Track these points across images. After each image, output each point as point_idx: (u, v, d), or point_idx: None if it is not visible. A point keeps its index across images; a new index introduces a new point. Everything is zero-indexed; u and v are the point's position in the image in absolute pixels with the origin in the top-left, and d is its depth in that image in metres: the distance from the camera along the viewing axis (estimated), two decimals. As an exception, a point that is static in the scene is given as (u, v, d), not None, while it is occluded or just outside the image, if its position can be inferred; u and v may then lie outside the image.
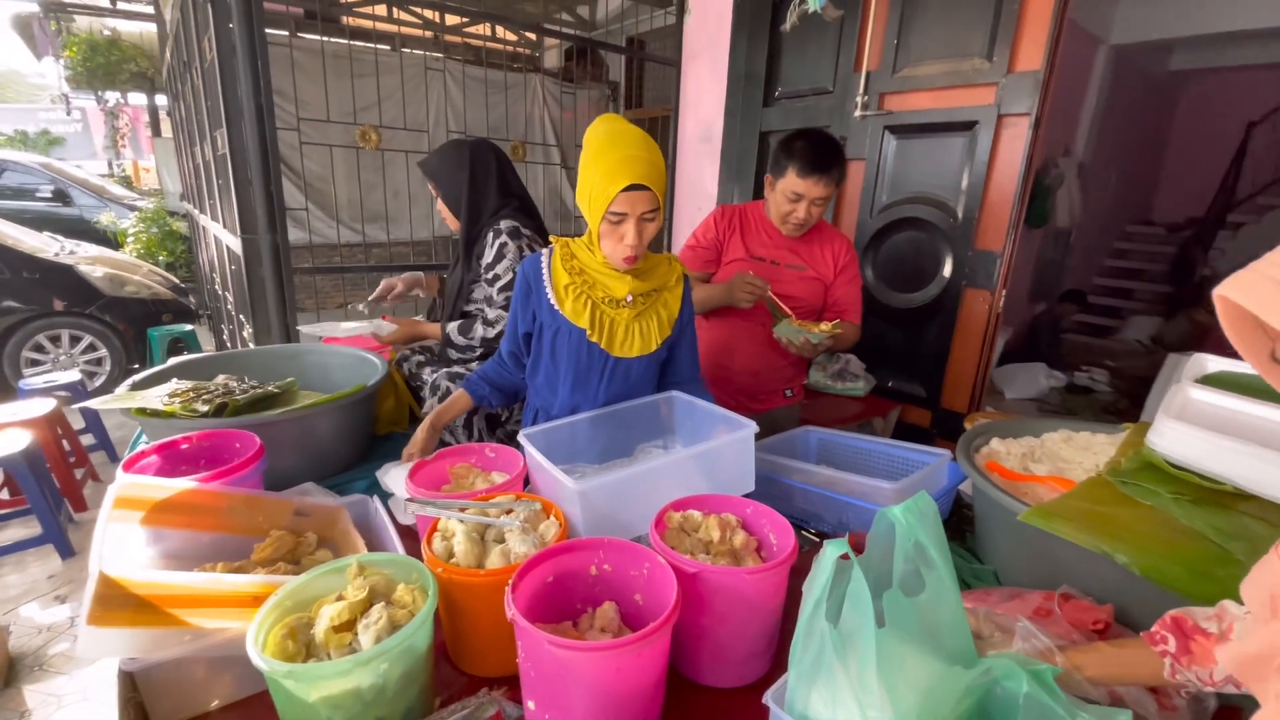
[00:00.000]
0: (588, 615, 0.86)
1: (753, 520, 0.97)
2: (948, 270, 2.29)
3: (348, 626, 0.77)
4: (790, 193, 1.62)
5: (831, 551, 0.67)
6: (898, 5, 2.27)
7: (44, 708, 1.96)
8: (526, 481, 1.18)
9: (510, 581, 0.76)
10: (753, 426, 1.13)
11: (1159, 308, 7.57)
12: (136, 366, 4.70)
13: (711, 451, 1.09)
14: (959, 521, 1.37)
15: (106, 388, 4.54)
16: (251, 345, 2.59)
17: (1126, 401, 5.45)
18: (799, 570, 0.84)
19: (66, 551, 2.67)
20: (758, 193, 2.98)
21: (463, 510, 0.96)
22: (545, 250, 1.34)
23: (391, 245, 3.59)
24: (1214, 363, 1.13)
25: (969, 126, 2.16)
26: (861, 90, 2.39)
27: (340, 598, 0.81)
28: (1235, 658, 0.62)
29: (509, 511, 0.97)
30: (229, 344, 3.89)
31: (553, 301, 1.30)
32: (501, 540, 0.92)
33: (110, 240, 6.89)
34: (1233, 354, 0.59)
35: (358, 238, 5.32)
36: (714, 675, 0.87)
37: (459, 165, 1.75)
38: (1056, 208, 5.98)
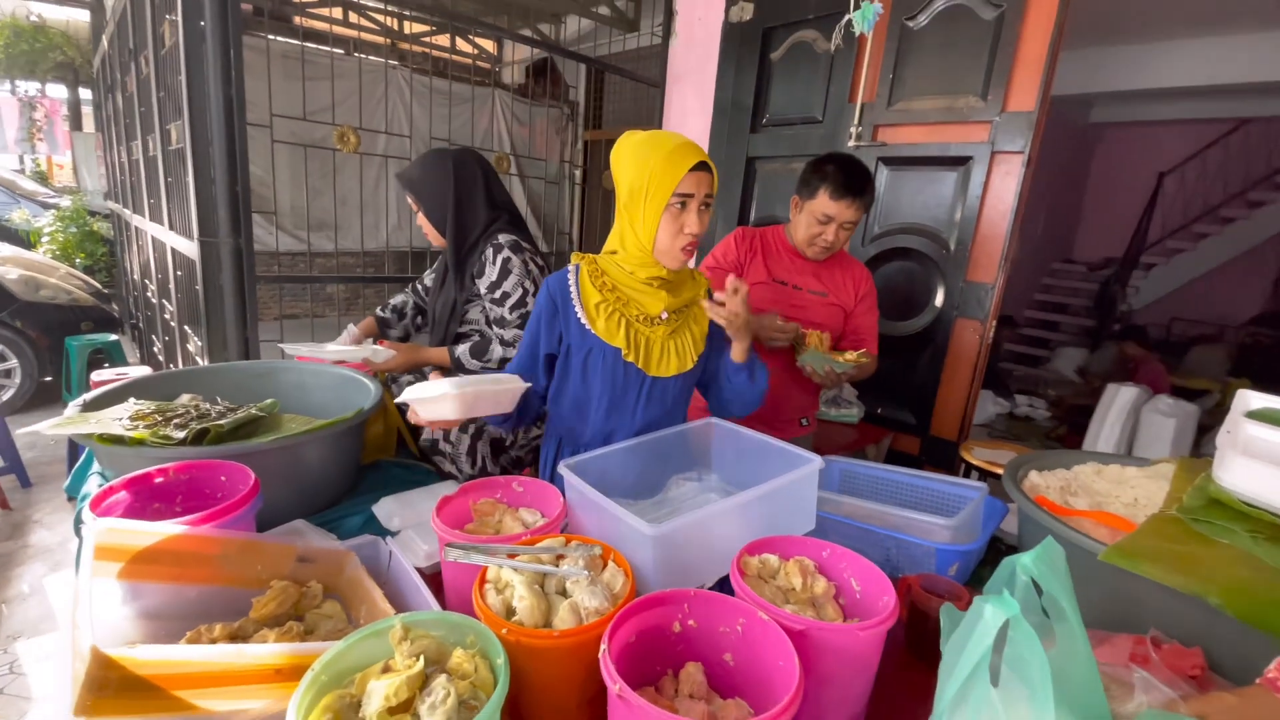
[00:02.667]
0: (669, 679, 0.76)
1: (830, 564, 0.90)
2: (939, 300, 2.32)
3: (404, 707, 0.64)
4: (821, 214, 1.59)
5: (994, 613, 0.60)
6: (895, 40, 2.31)
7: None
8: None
9: (604, 646, 0.65)
10: (818, 461, 1.06)
11: (1083, 340, 8.09)
12: (49, 379, 4.24)
13: (783, 489, 1.01)
14: (996, 559, 1.33)
15: (16, 402, 4.08)
16: (200, 360, 2.35)
17: (1065, 428, 5.74)
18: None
19: (-36, 593, 2.32)
20: (743, 217, 2.97)
21: (511, 556, 0.85)
22: (571, 267, 1.25)
23: (364, 254, 3.37)
24: (1256, 399, 1.15)
25: (963, 162, 2.21)
26: (856, 121, 2.41)
27: (388, 669, 0.68)
28: None
29: (561, 557, 0.87)
30: (162, 358, 3.55)
31: (584, 321, 1.21)
32: (563, 593, 0.81)
33: (22, 240, 6.28)
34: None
35: (302, 245, 5.04)
36: (811, 744, 0.78)
37: (443, 177, 1.63)
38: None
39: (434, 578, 1.05)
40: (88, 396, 1.30)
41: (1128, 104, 7.67)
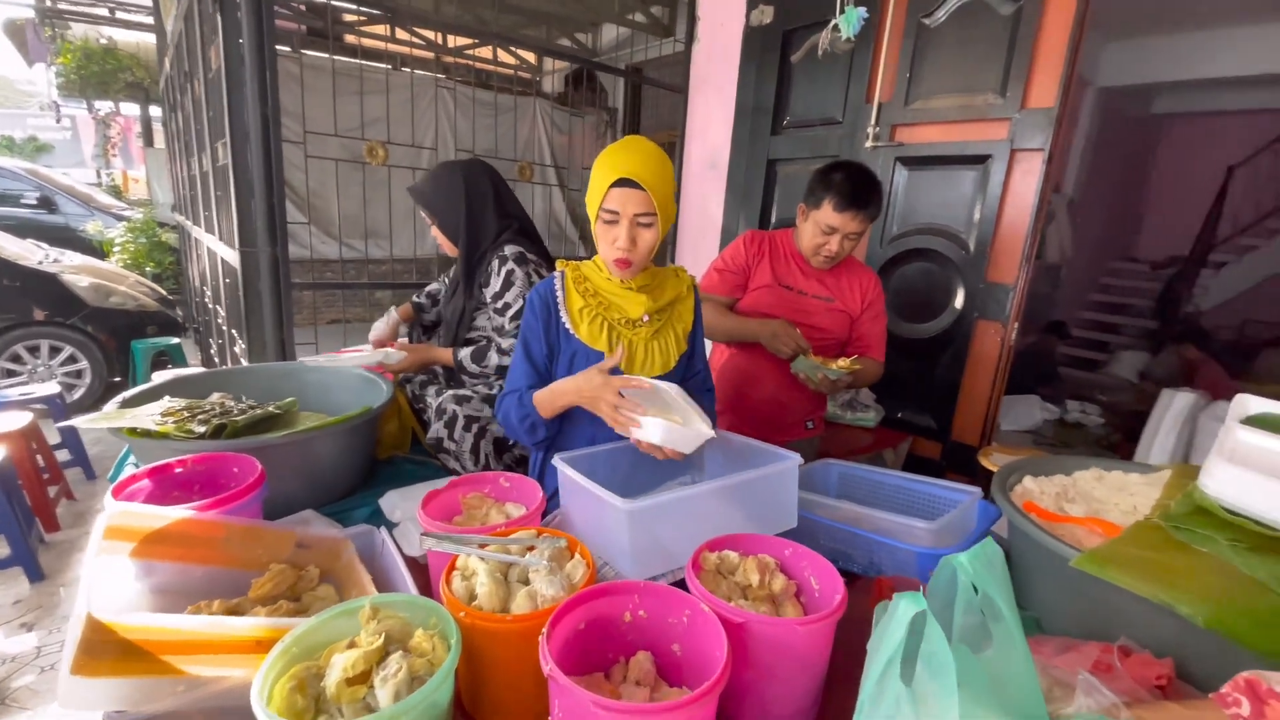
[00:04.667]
0: (620, 666, 0.80)
1: (792, 562, 0.92)
2: (959, 302, 2.28)
3: (362, 678, 0.70)
4: (825, 225, 1.59)
5: (905, 607, 0.61)
6: (911, 38, 2.28)
7: (3, 746, 1.82)
8: (543, 516, 1.12)
9: (544, 630, 0.70)
10: (796, 458, 1.08)
11: (1145, 343, 7.68)
12: (118, 380, 4.56)
13: (757, 481, 1.04)
14: (989, 563, 1.31)
15: (86, 401, 4.40)
16: (244, 362, 2.50)
17: (1119, 436, 5.46)
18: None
19: (35, 575, 2.53)
20: (764, 220, 2.97)
21: (482, 547, 0.90)
22: (557, 274, 1.30)
23: (393, 262, 3.52)
24: (1256, 404, 1.10)
25: (981, 160, 2.16)
26: (873, 121, 2.39)
27: (353, 644, 0.74)
28: None
29: (531, 549, 0.91)
30: (217, 359, 3.78)
31: (568, 326, 1.25)
32: (526, 581, 0.85)
33: (96, 249, 6.75)
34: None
35: (351, 253, 5.27)
36: (757, 733, 0.80)
37: (453, 191, 1.70)
38: (1047, 243, 6.07)
39: (426, 566, 1.12)
40: (127, 394, 1.42)
41: (1193, 94, 7.26)
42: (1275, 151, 7.44)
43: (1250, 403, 1.10)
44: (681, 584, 0.89)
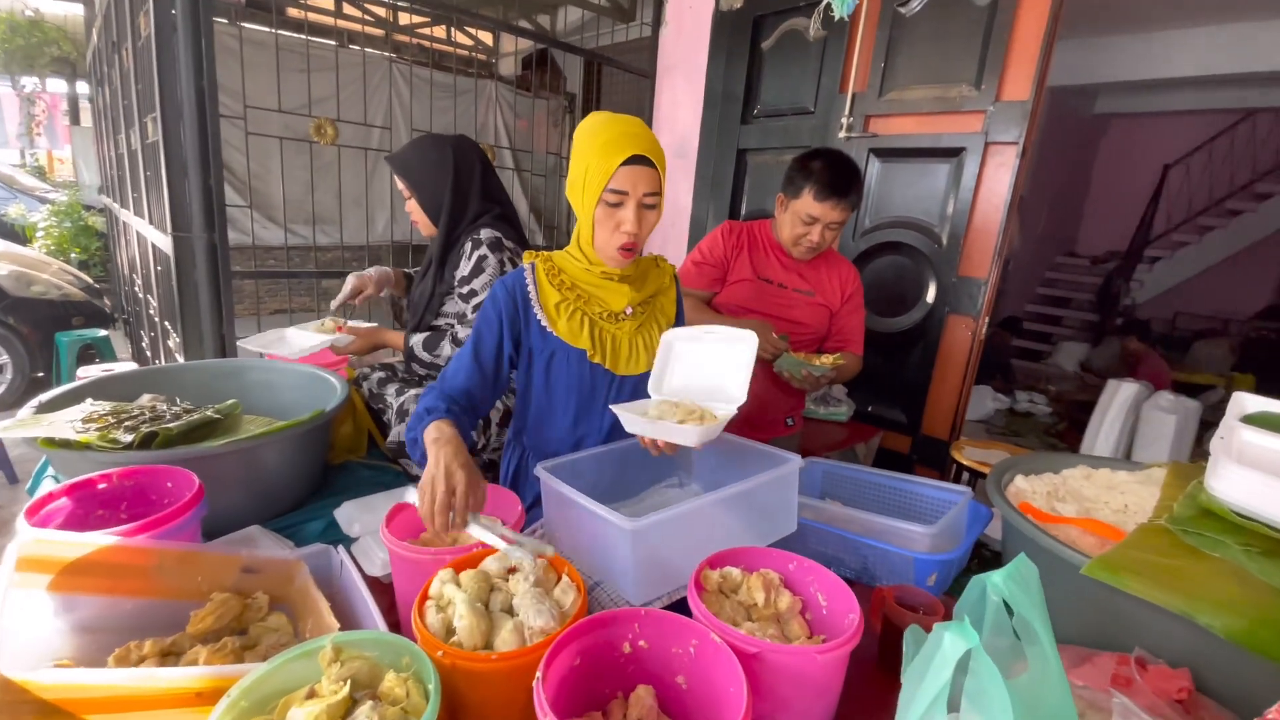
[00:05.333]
0: (619, 702, 0.72)
1: (796, 577, 0.86)
2: (931, 296, 2.27)
3: (326, 736, 0.60)
4: (805, 215, 1.54)
5: (953, 642, 0.55)
6: (886, 28, 2.25)
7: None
8: (522, 530, 1.03)
9: (539, 674, 0.61)
10: (797, 459, 1.02)
11: (1086, 334, 8.02)
12: (41, 375, 4.22)
13: (760, 487, 0.98)
14: (980, 567, 1.29)
15: (7, 399, 4.06)
16: (179, 357, 2.31)
17: (1065, 424, 5.67)
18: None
19: (-57, 592, 2.29)
20: (734, 210, 2.92)
21: (458, 571, 0.80)
22: (527, 266, 1.19)
23: (342, 249, 3.33)
24: (1253, 402, 1.09)
25: (956, 153, 2.15)
26: (847, 112, 2.35)
27: (313, 694, 0.64)
28: None
29: (513, 570, 0.82)
30: (149, 353, 3.52)
31: (544, 323, 1.15)
32: (510, 611, 0.76)
33: (18, 235, 6.25)
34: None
35: (295, 239, 5.00)
36: (768, 769, 0.73)
37: (440, 165, 1.58)
38: (1000, 237, 6.21)
39: (391, 587, 1.02)
40: (44, 397, 1.26)
41: (1133, 94, 7.57)
42: (1209, 151, 7.82)
43: (1247, 401, 1.09)
44: (679, 604, 0.82)
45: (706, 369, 1.11)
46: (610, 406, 1.07)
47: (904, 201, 2.32)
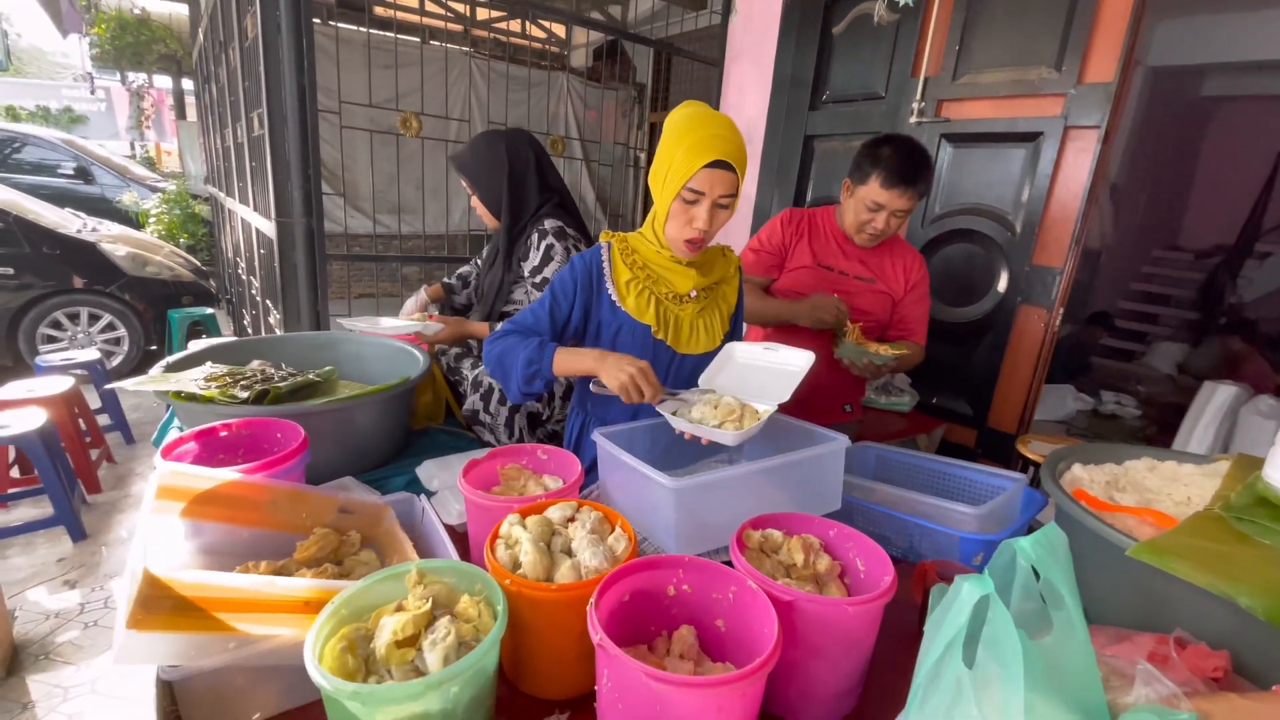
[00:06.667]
0: (663, 639, 0.79)
1: (836, 544, 0.90)
2: (1002, 285, 2.21)
3: (410, 641, 0.70)
4: (871, 202, 1.55)
5: (970, 590, 0.59)
6: (961, 10, 2.20)
7: (48, 699, 1.87)
8: (581, 489, 1.11)
9: (593, 600, 0.69)
10: (844, 440, 1.06)
11: (1185, 334, 7.45)
12: (155, 348, 4.67)
13: (803, 462, 1.02)
14: (1032, 551, 1.28)
15: (124, 368, 4.51)
16: (279, 332, 2.53)
17: (1155, 428, 5.33)
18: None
19: (78, 534, 2.62)
20: (799, 198, 2.91)
21: (525, 516, 0.89)
22: (603, 245, 1.28)
23: (424, 237, 3.52)
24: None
25: (1032, 138, 2.08)
26: (919, 96, 2.31)
27: (400, 608, 0.74)
28: None
29: (571, 520, 0.91)
30: (250, 330, 3.84)
31: (614, 298, 1.23)
32: (569, 553, 0.85)
33: (132, 220, 6.88)
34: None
35: (380, 229, 5.30)
36: (803, 713, 0.79)
37: (495, 161, 1.68)
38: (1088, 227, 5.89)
39: (465, 535, 1.13)
40: (171, 359, 1.44)
41: (1244, 76, 6.92)
42: (1330, 138, 7.09)
43: (1322, 394, 1.05)
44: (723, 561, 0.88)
45: (758, 379, 1.17)
46: (656, 407, 1.12)
47: (976, 188, 2.26)
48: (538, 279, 1.63)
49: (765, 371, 1.17)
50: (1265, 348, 5.67)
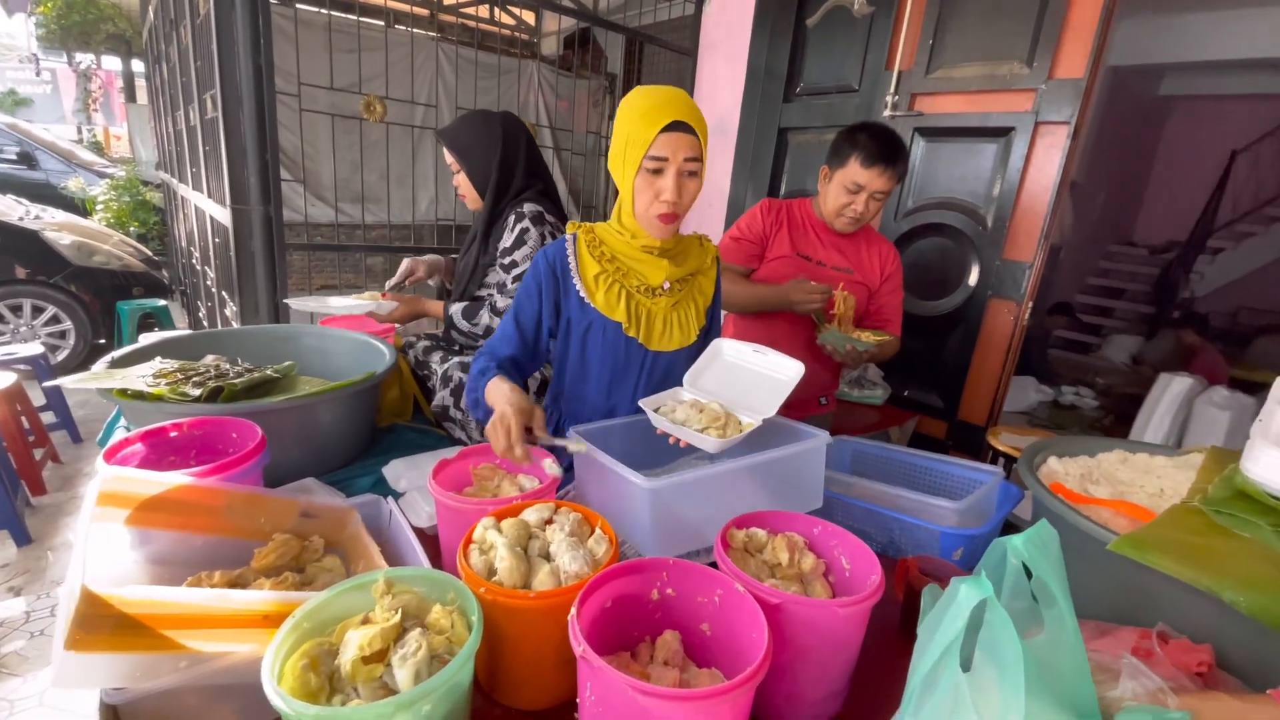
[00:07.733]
0: (646, 645, 0.76)
1: (820, 541, 0.88)
2: (973, 279, 2.23)
3: (379, 657, 0.66)
4: (851, 183, 1.54)
5: (968, 593, 0.57)
6: (935, 4, 2.20)
7: (-6, 711, 1.78)
8: (559, 489, 1.07)
9: (574, 609, 0.65)
10: (824, 436, 1.04)
11: (1140, 327, 7.71)
12: (103, 342, 4.46)
13: (784, 460, 1.00)
14: (1009, 544, 1.29)
15: (70, 363, 4.30)
16: (235, 324, 2.43)
17: (1112, 419, 5.50)
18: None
19: (22, 539, 2.48)
20: (773, 189, 2.90)
21: (499, 520, 0.85)
22: (568, 237, 1.22)
23: (388, 227, 3.42)
24: (1297, 386, 1.07)
25: (1004, 132, 2.10)
26: (892, 90, 2.31)
27: (367, 620, 0.70)
28: None
29: (549, 522, 0.87)
30: (206, 323, 3.69)
31: (583, 294, 1.18)
32: (547, 557, 0.81)
33: (78, 207, 6.57)
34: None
35: (344, 218, 5.13)
36: (789, 716, 0.77)
37: (489, 140, 1.62)
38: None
39: (435, 538, 1.08)
40: (116, 354, 1.36)
41: (1201, 76, 7.16)
42: (1278, 137, 7.39)
43: (1290, 385, 1.06)
44: (707, 562, 0.85)
45: (745, 381, 1.14)
46: (639, 402, 1.11)
47: (948, 182, 2.28)
48: (506, 260, 1.58)
49: (752, 374, 1.14)
50: (1216, 340, 5.89)
